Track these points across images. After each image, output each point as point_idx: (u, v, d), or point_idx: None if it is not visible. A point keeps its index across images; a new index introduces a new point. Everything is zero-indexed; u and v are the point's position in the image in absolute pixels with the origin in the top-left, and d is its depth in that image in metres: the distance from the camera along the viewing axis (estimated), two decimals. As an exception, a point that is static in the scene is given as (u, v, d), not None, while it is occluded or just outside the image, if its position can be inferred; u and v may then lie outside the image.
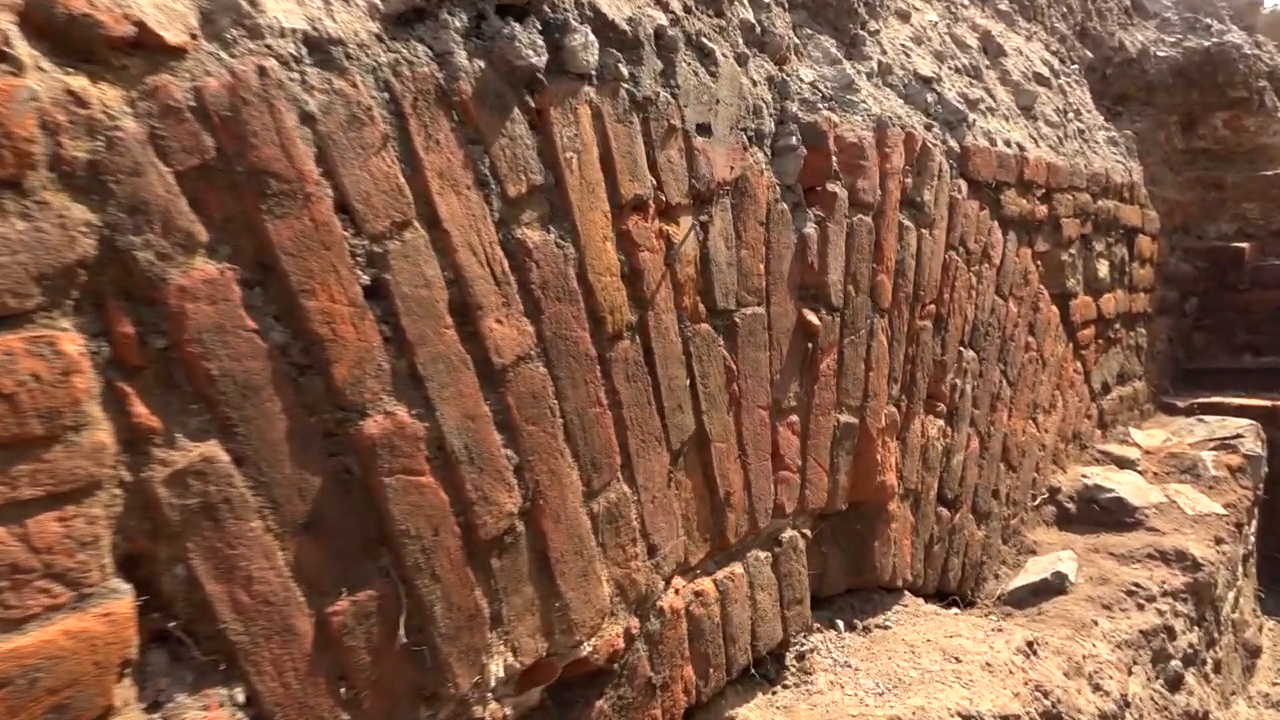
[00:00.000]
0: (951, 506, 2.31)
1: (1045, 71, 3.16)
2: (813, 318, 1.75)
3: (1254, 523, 3.23)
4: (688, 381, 1.49)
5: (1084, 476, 2.89)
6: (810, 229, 1.76)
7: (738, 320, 1.59)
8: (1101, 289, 3.28)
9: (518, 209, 1.21)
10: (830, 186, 1.80)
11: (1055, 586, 2.36)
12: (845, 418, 1.86)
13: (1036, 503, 2.78)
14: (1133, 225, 3.56)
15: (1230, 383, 4.11)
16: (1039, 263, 2.78)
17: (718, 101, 1.56)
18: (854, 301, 1.87)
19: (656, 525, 1.43)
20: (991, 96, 2.70)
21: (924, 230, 2.12)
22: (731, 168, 1.58)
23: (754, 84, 1.68)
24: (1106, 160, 3.40)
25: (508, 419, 1.18)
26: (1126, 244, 3.54)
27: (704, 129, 1.53)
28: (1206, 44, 4.28)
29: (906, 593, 2.11)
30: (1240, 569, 2.89)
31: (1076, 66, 3.63)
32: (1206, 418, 3.63)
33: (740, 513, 1.61)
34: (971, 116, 2.42)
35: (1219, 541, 2.72)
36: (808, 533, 1.80)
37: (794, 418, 1.73)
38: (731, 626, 1.59)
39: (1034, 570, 2.46)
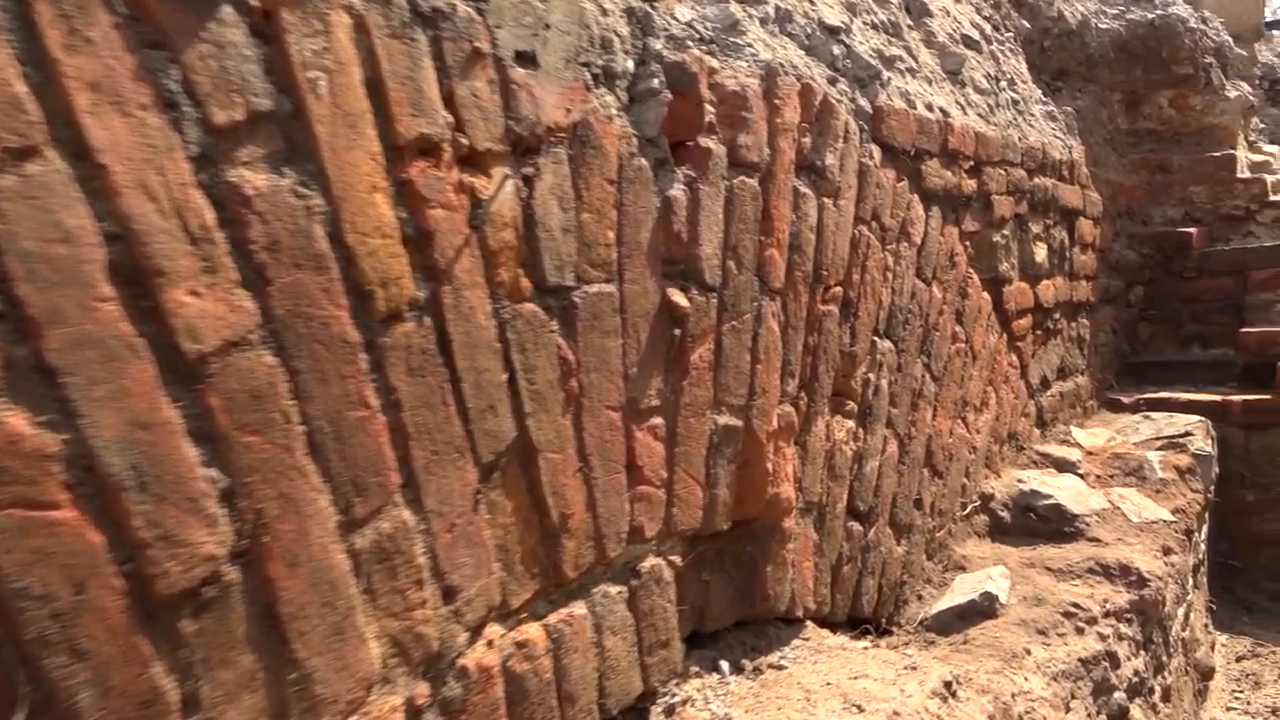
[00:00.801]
0: (865, 520, 2.04)
1: (975, 35, 2.92)
2: (680, 298, 1.47)
3: (1205, 528, 3.02)
4: (505, 376, 1.20)
5: (1020, 481, 2.65)
6: (678, 191, 1.47)
7: (578, 300, 1.30)
8: (1039, 275, 3.05)
9: (231, 143, 0.91)
10: (704, 141, 1.52)
11: (984, 609, 2.10)
12: (726, 419, 1.58)
13: (966, 512, 2.53)
14: (1073, 207, 3.34)
15: (1178, 376, 3.92)
16: (967, 244, 2.53)
17: (547, 26, 1.27)
18: (735, 280, 1.59)
19: (456, 561, 1.13)
20: (913, 57, 2.44)
21: (827, 200, 1.85)
22: (568, 110, 1.28)
23: (603, 11, 1.39)
24: (1044, 135, 3.17)
25: (210, 427, 0.88)
26: (1066, 227, 3.31)
27: (527, 58, 1.23)
28: (1150, 16, 4.09)
29: (809, 623, 1.84)
30: (1190, 581, 2.67)
31: (1011, 35, 3.40)
32: (1153, 414, 3.42)
33: (582, 539, 1.32)
34: (887, 75, 2.15)
35: (1167, 552, 2.49)
36: (678, 559, 1.52)
37: (657, 420, 1.45)
38: (570, 683, 1.30)
39: (961, 590, 2.20)
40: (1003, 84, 2.97)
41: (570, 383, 1.29)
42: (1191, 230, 4.04)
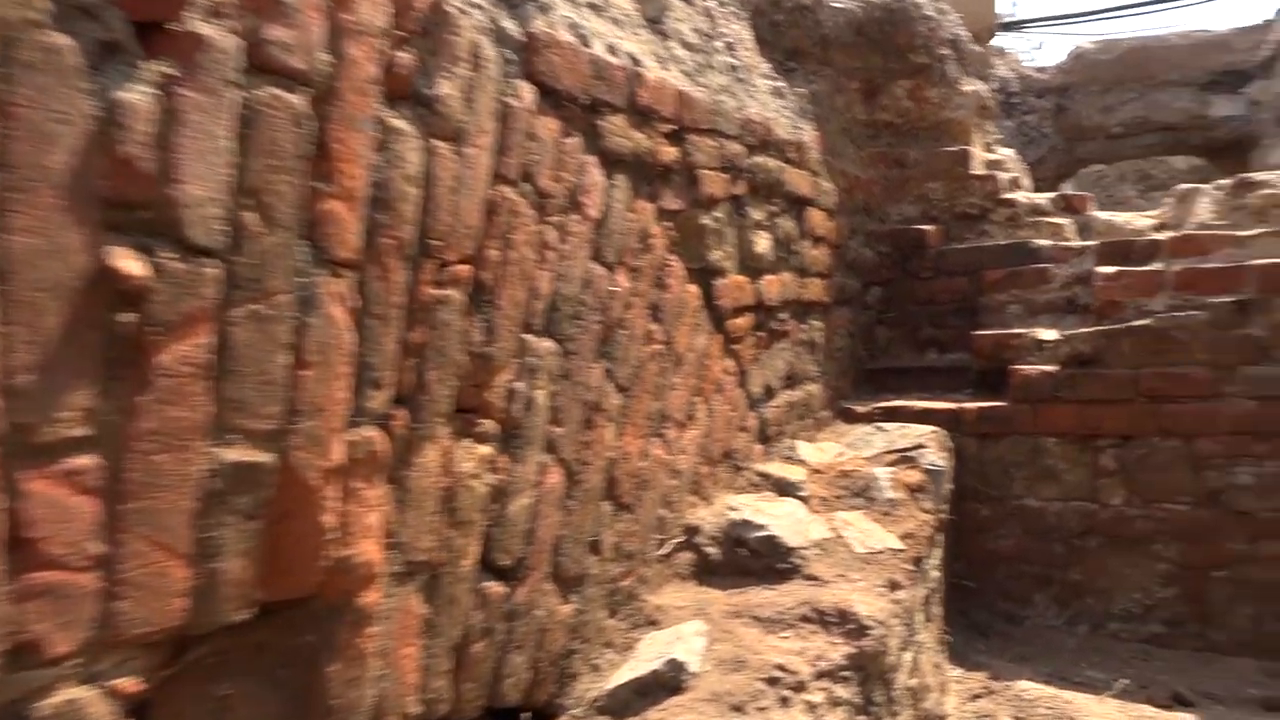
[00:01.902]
0: (510, 577, 1.58)
1: (687, -15, 2.55)
2: (132, 264, 0.94)
3: (937, 551, 2.78)
4: None
5: (732, 510, 2.28)
6: (137, 95, 0.94)
7: None
8: (761, 268, 2.71)
9: None
10: (196, 25, 0.99)
11: (669, 681, 1.68)
12: (240, 453, 1.06)
13: (666, 551, 2.13)
14: (803, 195, 3.05)
15: (915, 383, 3.75)
16: (668, 224, 2.14)
17: None
18: (259, 243, 1.07)
19: None
20: (598, -9, 2.02)
21: (441, 143, 1.37)
22: None
23: None
24: (768, 110, 2.85)
25: None
26: (795, 217, 3.01)
27: None
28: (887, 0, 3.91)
29: (412, 732, 1.35)
30: (920, 616, 2.39)
31: (736, -2, 3.07)
32: (887, 425, 3.18)
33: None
34: (549, -3, 1.71)
35: (894, 587, 2.18)
36: (133, 682, 0.98)
37: (81, 461, 0.91)
38: None
39: (647, 655, 1.78)
40: (718, 44, 2.61)
41: None
42: (928, 228, 3.89)
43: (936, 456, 2.83)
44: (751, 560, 2.19)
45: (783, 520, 2.27)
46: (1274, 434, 3.01)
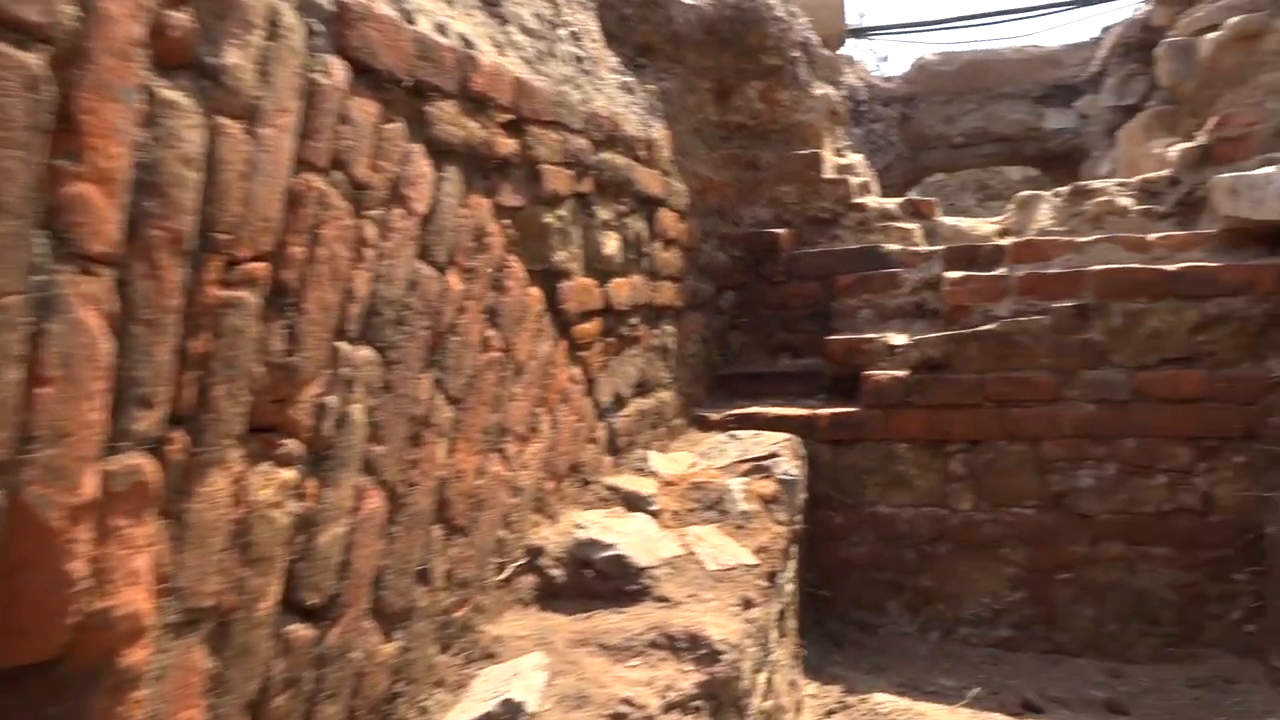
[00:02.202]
0: (320, 617, 1.40)
1: (529, -31, 2.41)
2: None
3: (792, 564, 2.72)
4: None
5: (579, 528, 2.15)
6: None
7: None
8: (611, 270, 2.59)
9: None
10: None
11: (505, 724, 1.53)
12: (-50, 492, 0.86)
13: (506, 575, 1.98)
14: (654, 195, 2.95)
15: (769, 389, 3.70)
16: (507, 223, 1.99)
17: None
18: (-26, 231, 0.87)
19: None
20: (428, -34, 1.85)
21: (230, 121, 1.19)
22: None
23: None
24: (616, 104, 2.74)
25: None
26: (646, 217, 2.91)
27: None
28: (737, -1, 3.86)
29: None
30: (775, 634, 2.31)
31: (583, -12, 2.95)
32: (741, 433, 3.11)
33: None
34: (366, -35, 1.54)
35: (747, 605, 2.09)
36: None
37: None
38: None
39: (481, 694, 1.62)
40: (561, 32, 2.48)
41: None
42: (781, 232, 3.85)
43: (790, 465, 2.77)
44: (599, 582, 2.06)
45: (632, 538, 2.16)
46: (1112, 437, 3.08)
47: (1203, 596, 3.03)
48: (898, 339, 3.41)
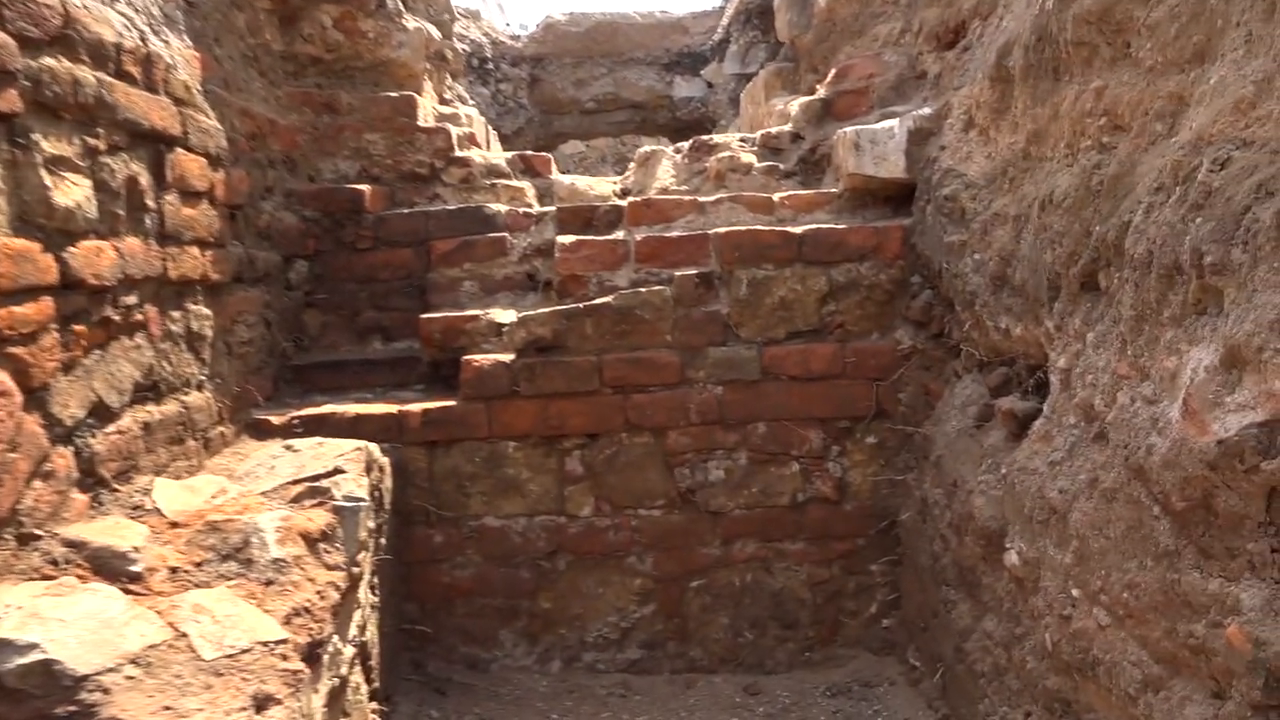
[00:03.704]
0: None
1: None
2: None
3: (358, 615, 2.11)
4: None
5: (-17, 621, 1.40)
6: None
7: None
8: (74, 230, 1.83)
9: None
10: None
11: None
12: None
13: None
14: (161, 130, 2.19)
15: (355, 380, 3.05)
16: None
17: None
18: None
19: None
20: None
21: None
22: None
23: None
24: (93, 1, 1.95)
25: None
26: (148, 160, 2.15)
27: None
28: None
29: None
30: (319, 727, 1.69)
31: None
32: (300, 444, 2.45)
33: None
34: None
35: (263, 706, 1.46)
36: None
37: None
38: None
39: None
40: None
41: None
42: (365, 189, 3.19)
43: (356, 484, 2.15)
44: (10, 708, 1.33)
45: (77, 627, 1.45)
46: (741, 422, 2.75)
47: (840, 593, 2.79)
48: (505, 316, 2.88)
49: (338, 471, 2.20)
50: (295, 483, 2.18)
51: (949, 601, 2.37)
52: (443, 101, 4.20)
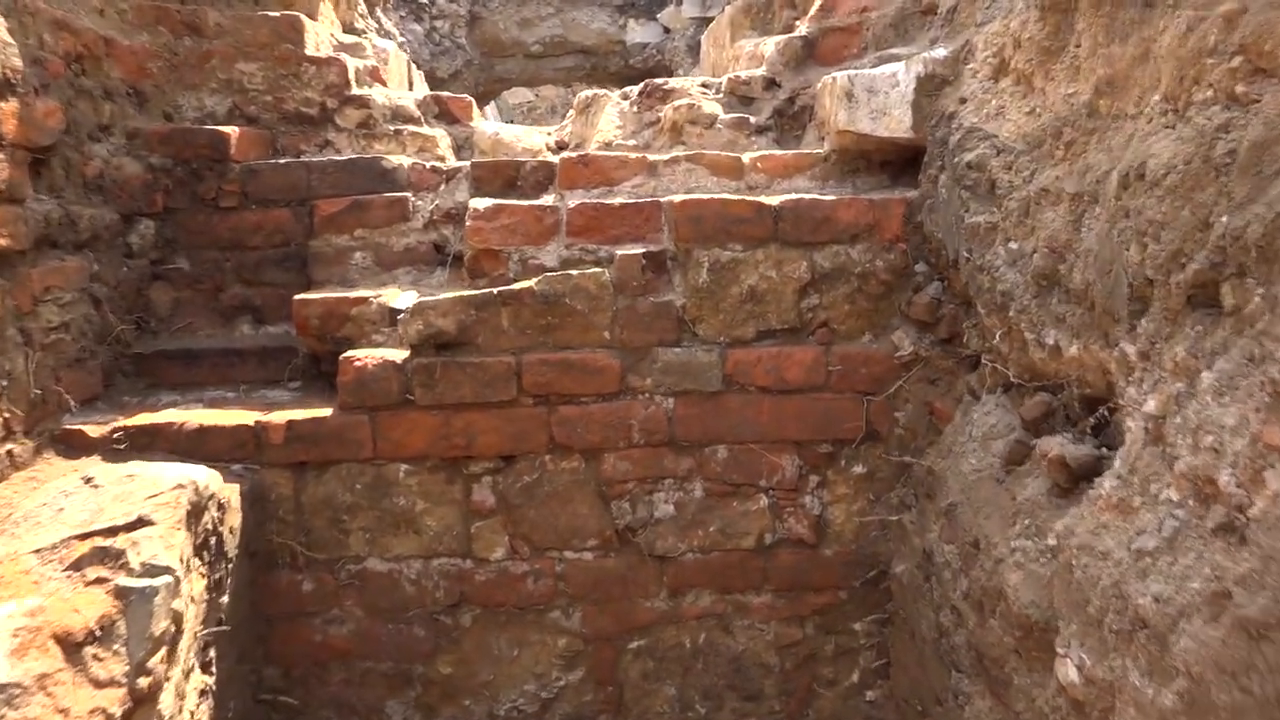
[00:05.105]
0: None
1: None
2: None
3: (164, 728, 1.52)
4: None
5: None
6: None
7: None
8: None
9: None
10: None
11: None
12: None
13: None
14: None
15: (214, 373, 2.45)
16: None
17: None
18: None
19: None
20: None
21: None
22: None
23: None
24: None
25: None
26: None
27: None
28: None
29: None
30: None
31: None
32: (109, 473, 1.84)
33: None
34: None
35: None
36: None
37: None
38: None
39: None
40: None
41: None
42: (230, 131, 2.55)
43: (165, 545, 1.56)
44: None
45: None
46: (697, 444, 2.19)
47: (814, 657, 2.25)
48: (403, 299, 2.29)
49: (142, 523, 1.61)
50: (83, 537, 1.58)
51: (961, 693, 1.84)
52: (349, 30, 3.55)
